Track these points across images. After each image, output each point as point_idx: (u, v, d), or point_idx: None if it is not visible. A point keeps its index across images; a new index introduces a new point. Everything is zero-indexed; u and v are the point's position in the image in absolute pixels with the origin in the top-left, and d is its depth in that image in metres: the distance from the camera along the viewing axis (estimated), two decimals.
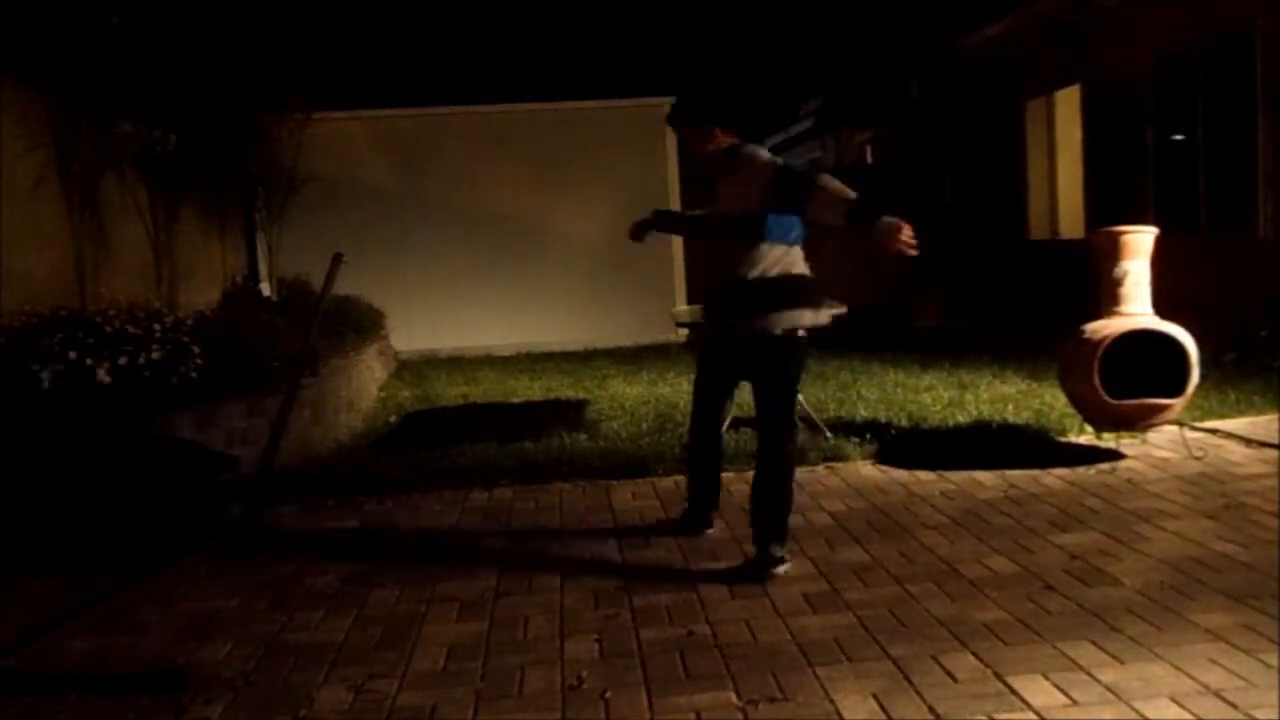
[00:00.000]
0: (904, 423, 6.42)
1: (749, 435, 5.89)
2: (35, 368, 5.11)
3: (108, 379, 5.19)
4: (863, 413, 6.79)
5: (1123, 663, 3.02)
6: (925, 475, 5.34)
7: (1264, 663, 2.96)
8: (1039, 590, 3.65)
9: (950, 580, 3.81)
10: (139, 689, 3.20)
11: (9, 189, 6.22)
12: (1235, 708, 2.72)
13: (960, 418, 6.46)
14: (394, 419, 7.63)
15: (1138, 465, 5.33)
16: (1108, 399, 5.26)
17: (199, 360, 5.49)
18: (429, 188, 11.85)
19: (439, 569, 4.22)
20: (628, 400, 7.76)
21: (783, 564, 4.00)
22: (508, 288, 11.90)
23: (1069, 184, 12.34)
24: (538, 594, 3.89)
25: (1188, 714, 2.70)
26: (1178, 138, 10.12)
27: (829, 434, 6.06)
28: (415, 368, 10.63)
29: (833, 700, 2.88)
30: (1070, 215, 12.32)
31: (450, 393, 8.78)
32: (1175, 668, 2.96)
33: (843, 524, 4.59)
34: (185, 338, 5.54)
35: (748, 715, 2.85)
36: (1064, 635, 3.23)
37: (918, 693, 2.90)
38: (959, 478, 5.26)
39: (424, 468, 5.78)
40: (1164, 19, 10.13)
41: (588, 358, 10.75)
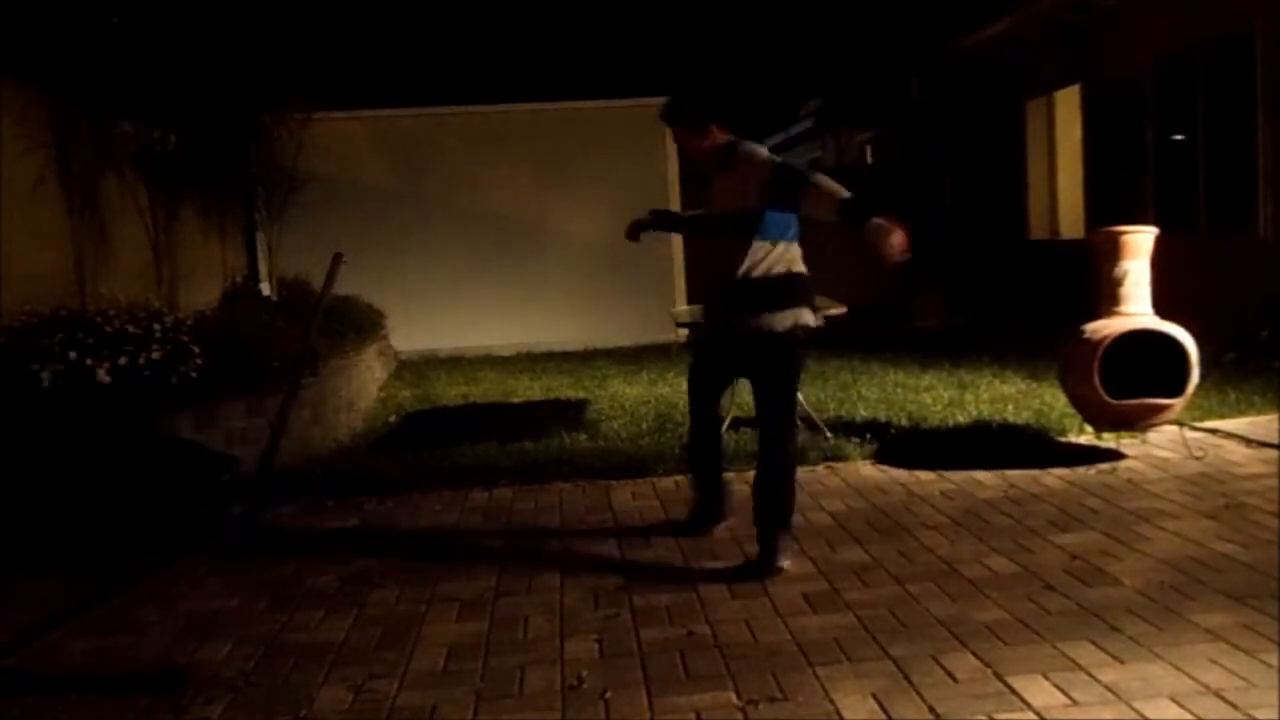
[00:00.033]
0: (904, 423, 6.42)
1: (749, 435, 5.89)
2: (35, 368, 5.11)
3: (108, 379, 5.19)
4: (863, 413, 6.79)
5: (1123, 663, 3.02)
6: (925, 475, 5.34)
7: (1264, 663, 2.96)
8: (1039, 590, 3.65)
9: (950, 580, 3.81)
10: (139, 689, 3.20)
11: (9, 189, 6.22)
12: (1235, 708, 2.72)
13: (960, 418, 6.46)
14: (394, 419, 7.63)
15: (1138, 465, 5.33)
16: (1108, 399, 5.26)
17: (199, 360, 5.49)
18: (429, 188, 11.84)
19: (439, 569, 4.22)
20: (628, 400, 7.76)
21: (785, 560, 4.01)
22: (508, 288, 11.90)
23: (1069, 184, 12.34)
24: (538, 594, 3.89)
25: (1188, 714, 2.70)
26: (1178, 138, 10.12)
27: (829, 434, 6.06)
28: (415, 368, 10.62)
29: (833, 700, 2.88)
30: (1070, 215, 12.32)
31: (450, 393, 8.78)
32: (1175, 668, 2.96)
33: (843, 524, 4.59)
34: (185, 338, 5.54)
35: (748, 715, 2.85)
36: (1064, 635, 3.23)
37: (918, 693, 2.90)
38: (959, 478, 5.26)
39: (424, 468, 5.78)
40: (1164, 19, 10.13)
41: (588, 358, 10.75)
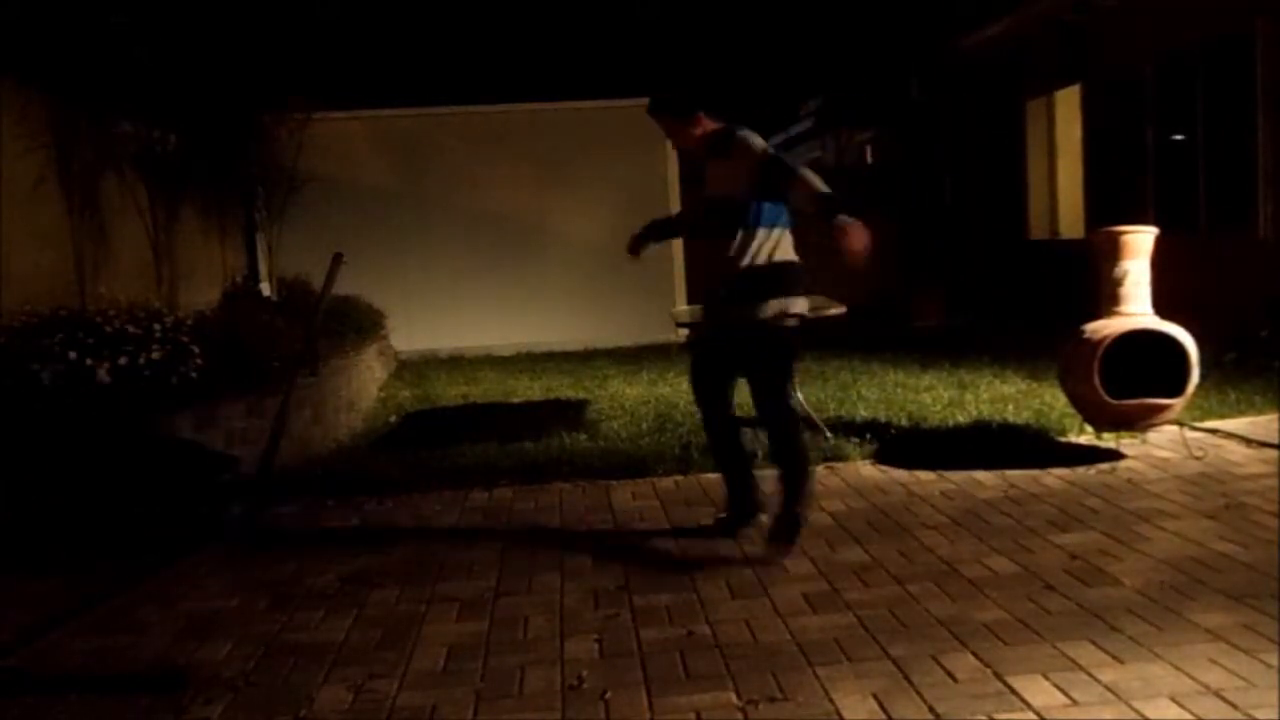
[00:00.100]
0: (904, 423, 6.42)
1: (749, 435, 5.90)
2: (35, 368, 5.11)
3: (108, 379, 5.19)
4: (863, 413, 6.79)
5: (1123, 663, 3.02)
6: (925, 475, 5.34)
7: (1264, 663, 2.96)
8: (1039, 590, 3.65)
9: (950, 580, 3.81)
10: (139, 689, 3.20)
11: (9, 189, 6.22)
12: (1235, 708, 2.71)
13: (960, 418, 6.46)
14: (394, 419, 7.63)
15: (1138, 465, 5.33)
16: (1108, 399, 5.26)
17: (199, 360, 5.50)
18: (429, 188, 11.84)
19: (439, 569, 4.22)
20: (628, 400, 7.76)
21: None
22: (508, 288, 11.89)
23: (1069, 184, 12.34)
24: (538, 594, 3.89)
25: (1188, 714, 2.70)
26: (1178, 137, 10.12)
27: (829, 434, 6.06)
28: (415, 368, 10.62)
29: (833, 700, 2.88)
30: (1070, 215, 12.32)
31: (450, 393, 8.78)
32: (1175, 668, 2.96)
33: (843, 524, 4.58)
34: (185, 338, 5.54)
35: (748, 715, 2.85)
36: (1064, 635, 3.23)
37: (918, 693, 2.90)
38: (959, 478, 5.26)
39: (424, 468, 5.78)
40: (1164, 19, 10.13)
41: (588, 358, 10.75)
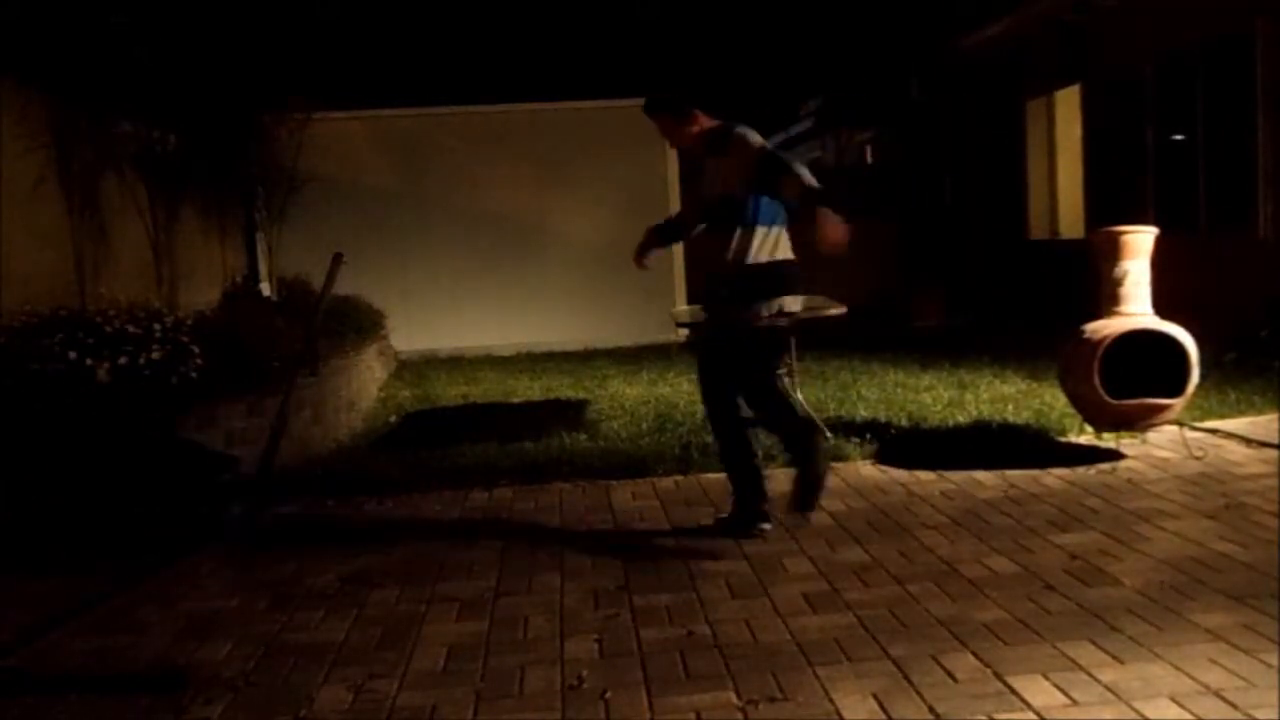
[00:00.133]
0: (904, 423, 6.42)
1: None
2: (35, 368, 5.11)
3: (108, 379, 5.19)
4: (863, 413, 6.79)
5: (1123, 663, 3.02)
6: (925, 475, 5.33)
7: (1264, 663, 2.96)
8: (1039, 590, 3.65)
9: (950, 580, 3.81)
10: (139, 689, 3.20)
11: (9, 189, 6.22)
12: (1235, 708, 2.71)
13: (960, 418, 6.46)
14: (394, 419, 7.63)
15: (1138, 465, 5.33)
16: (1108, 399, 5.26)
17: (199, 360, 5.49)
18: (429, 188, 11.84)
19: (439, 569, 4.22)
20: (628, 400, 7.76)
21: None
22: (508, 288, 11.89)
23: (1069, 184, 12.34)
24: (538, 594, 3.89)
25: (1188, 714, 2.70)
26: (1178, 137, 10.12)
27: (829, 434, 6.05)
28: (415, 368, 10.62)
29: (833, 700, 2.88)
30: (1070, 215, 12.32)
31: (450, 393, 8.78)
32: (1175, 668, 2.96)
33: (843, 524, 4.58)
34: (185, 338, 5.54)
35: (748, 715, 2.85)
36: (1064, 635, 3.23)
37: (918, 693, 2.90)
38: (959, 478, 5.25)
39: (424, 468, 5.78)
40: (1164, 19, 10.13)
41: (588, 358, 10.75)
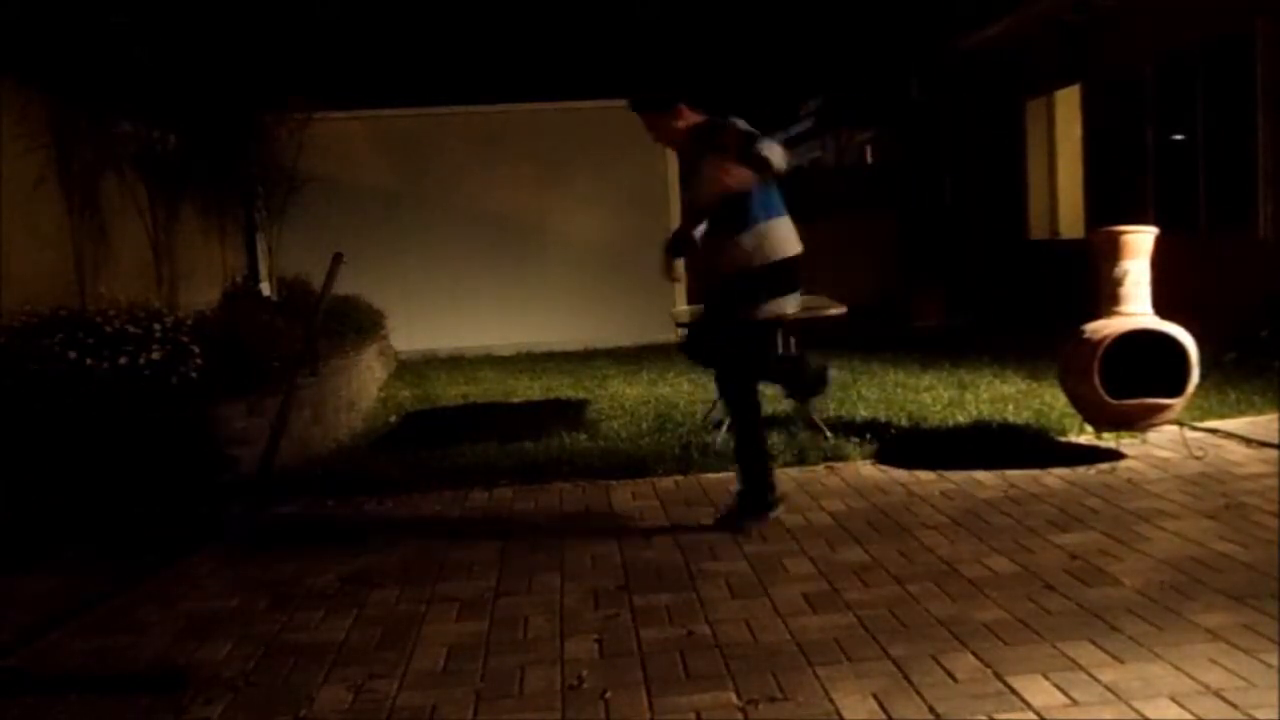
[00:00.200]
0: (904, 423, 6.41)
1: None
2: (35, 368, 5.11)
3: (108, 379, 5.18)
4: (863, 413, 6.79)
5: (1123, 663, 3.02)
6: (925, 475, 5.33)
7: (1264, 663, 2.96)
8: (1039, 590, 3.65)
9: (950, 580, 3.81)
10: (139, 689, 3.20)
11: (9, 189, 6.22)
12: (1235, 708, 2.71)
13: (960, 418, 6.46)
14: (394, 419, 7.63)
15: (1138, 465, 5.33)
16: (1108, 399, 5.26)
17: (199, 360, 5.49)
18: (429, 188, 11.84)
19: (439, 569, 4.22)
20: (628, 400, 7.76)
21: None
22: (508, 288, 11.89)
23: (1069, 184, 12.34)
24: (538, 594, 3.89)
25: (1188, 714, 2.70)
26: (1178, 137, 10.13)
27: (829, 434, 6.05)
28: (415, 368, 10.62)
29: (833, 700, 2.88)
30: (1070, 215, 12.33)
31: (450, 393, 8.78)
32: (1175, 668, 2.96)
33: (843, 524, 4.58)
34: (185, 338, 5.54)
35: (748, 715, 2.85)
36: (1064, 635, 3.23)
37: (918, 693, 2.90)
38: (959, 478, 5.25)
39: (424, 468, 5.78)
40: (1164, 19, 10.14)
41: (588, 358, 10.75)
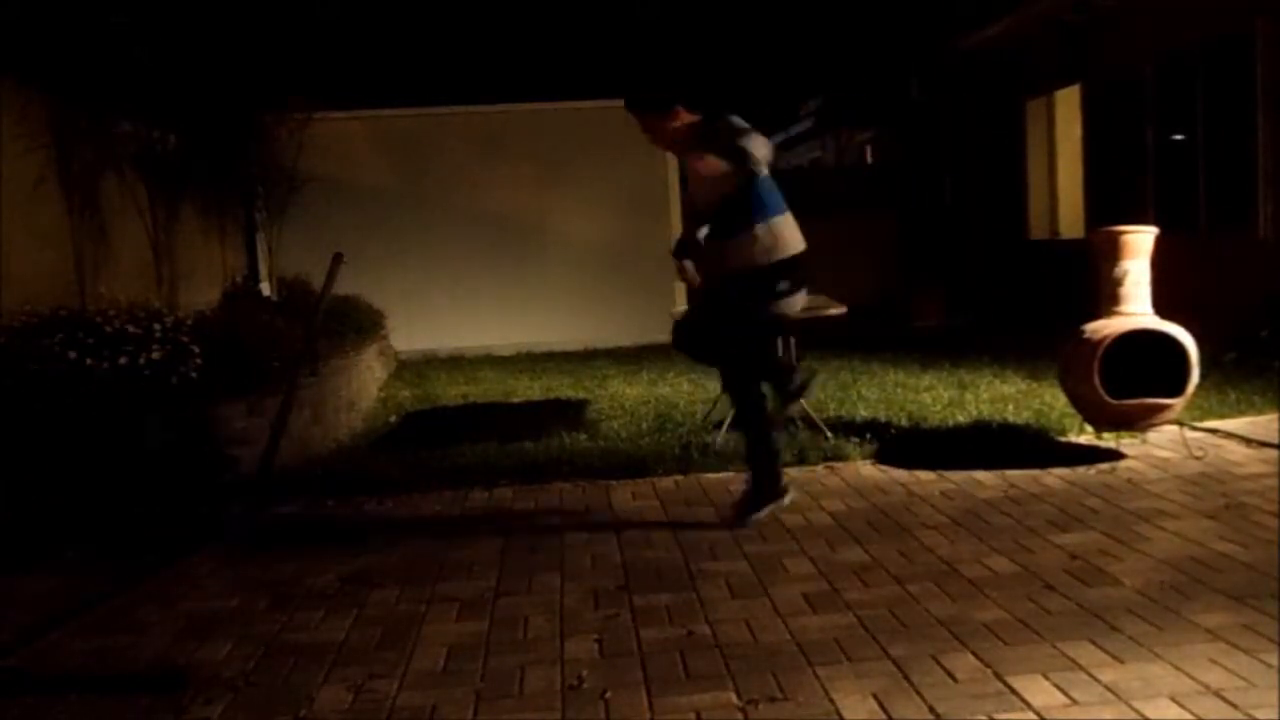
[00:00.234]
0: (904, 423, 6.41)
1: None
2: (35, 368, 5.11)
3: (108, 379, 5.18)
4: (863, 413, 6.79)
5: (1123, 663, 3.02)
6: (925, 475, 5.33)
7: (1264, 663, 2.96)
8: (1039, 590, 3.65)
9: (950, 580, 3.81)
10: (139, 689, 3.20)
11: (9, 189, 6.22)
12: (1235, 708, 2.71)
13: (960, 418, 6.46)
14: (394, 419, 7.63)
15: (1138, 465, 5.33)
16: (1108, 399, 5.26)
17: (199, 360, 5.49)
18: (429, 188, 11.84)
19: (439, 569, 4.22)
20: (628, 400, 7.76)
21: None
22: (508, 288, 11.89)
23: (1069, 184, 12.34)
24: (538, 594, 3.89)
25: (1188, 714, 2.70)
26: (1178, 137, 10.13)
27: (829, 434, 6.05)
28: (415, 368, 10.62)
29: (833, 700, 2.88)
30: (1070, 215, 12.33)
31: (450, 393, 8.78)
32: (1175, 668, 2.96)
33: (843, 524, 4.58)
34: (185, 338, 5.54)
35: (748, 715, 2.85)
36: (1064, 635, 3.23)
37: (918, 693, 2.90)
38: (959, 478, 5.25)
39: (424, 468, 5.78)
40: (1164, 19, 10.14)
41: (588, 358, 10.75)
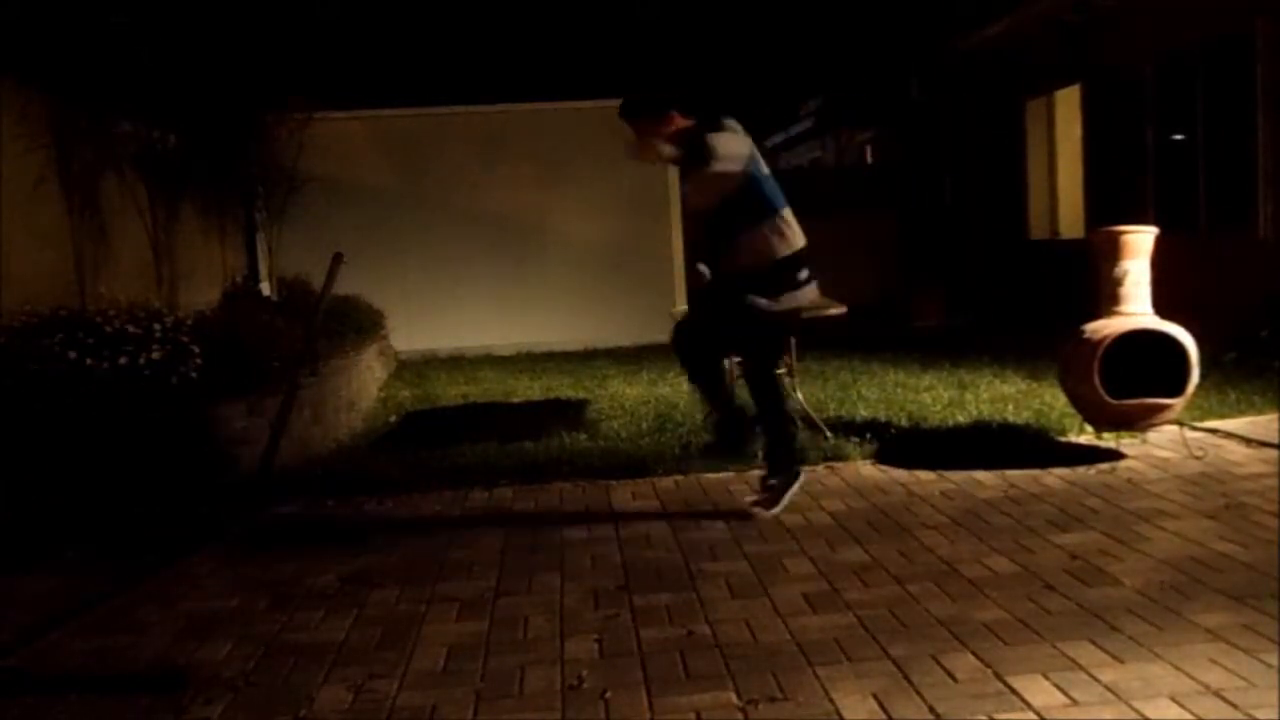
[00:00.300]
0: (904, 423, 6.41)
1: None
2: (35, 368, 5.11)
3: (108, 379, 5.18)
4: (863, 413, 6.79)
5: (1123, 663, 3.02)
6: (925, 475, 5.33)
7: (1264, 663, 2.96)
8: (1039, 590, 3.65)
9: (950, 580, 3.81)
10: (139, 689, 3.20)
11: (9, 189, 6.22)
12: (1235, 708, 2.71)
13: (960, 418, 6.46)
14: (394, 419, 7.63)
15: (1138, 465, 5.33)
16: (1108, 399, 5.26)
17: (199, 360, 5.49)
18: (429, 188, 11.84)
19: (439, 569, 4.22)
20: (628, 400, 7.76)
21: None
22: (508, 288, 11.89)
23: (1069, 184, 12.34)
24: (538, 594, 3.89)
25: (1188, 714, 2.70)
26: (1178, 137, 10.13)
27: (829, 434, 6.05)
28: (415, 368, 10.62)
29: (833, 700, 2.88)
30: (1070, 215, 12.33)
31: (450, 393, 8.78)
32: (1175, 668, 2.96)
33: (843, 524, 4.58)
34: (185, 338, 5.54)
35: (748, 715, 2.85)
36: (1064, 635, 3.23)
37: (918, 693, 2.90)
38: (959, 478, 5.25)
39: (424, 468, 5.78)
40: (1164, 19, 10.13)
41: (588, 358, 10.75)
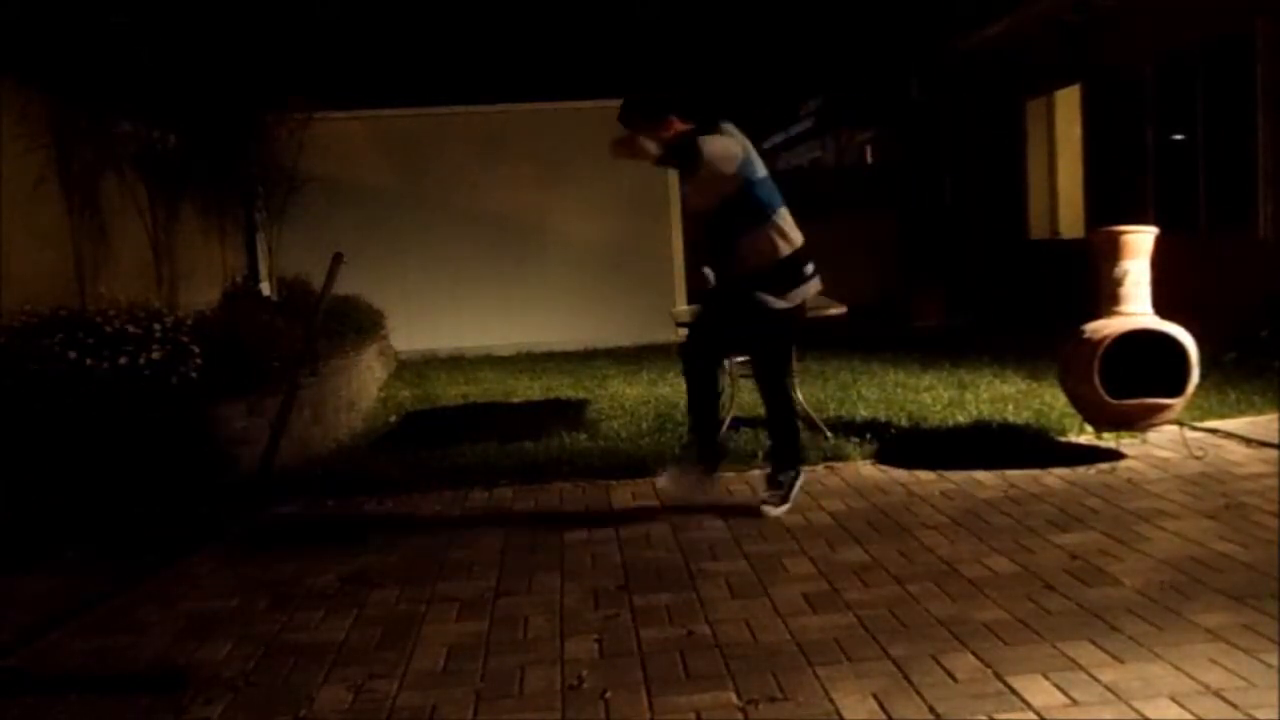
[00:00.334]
0: (904, 423, 6.41)
1: (749, 434, 5.91)
2: (35, 368, 5.11)
3: (108, 379, 5.19)
4: (863, 413, 6.79)
5: (1123, 663, 3.02)
6: (925, 475, 5.33)
7: (1264, 663, 2.96)
8: (1039, 590, 3.65)
9: (950, 580, 3.81)
10: (139, 689, 3.20)
11: (9, 189, 6.22)
12: (1235, 708, 2.71)
13: (960, 418, 6.46)
14: (394, 419, 7.63)
15: (1138, 465, 5.33)
16: (1108, 399, 5.26)
17: (199, 360, 5.49)
18: (429, 188, 11.84)
19: (439, 569, 4.22)
20: (628, 400, 7.76)
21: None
22: (508, 288, 11.89)
23: (1069, 184, 12.34)
24: (538, 594, 3.89)
25: (1188, 714, 2.70)
26: (1178, 137, 10.13)
27: (829, 434, 6.05)
28: (415, 368, 10.62)
29: (833, 700, 2.88)
30: (1070, 215, 12.33)
31: (450, 393, 8.78)
32: (1175, 668, 2.96)
33: (843, 524, 4.59)
34: (185, 338, 5.54)
35: (748, 715, 2.85)
36: (1064, 635, 3.23)
37: (918, 693, 2.90)
38: (959, 478, 5.25)
39: (424, 468, 5.78)
40: (1164, 19, 10.13)
41: (588, 358, 10.75)
